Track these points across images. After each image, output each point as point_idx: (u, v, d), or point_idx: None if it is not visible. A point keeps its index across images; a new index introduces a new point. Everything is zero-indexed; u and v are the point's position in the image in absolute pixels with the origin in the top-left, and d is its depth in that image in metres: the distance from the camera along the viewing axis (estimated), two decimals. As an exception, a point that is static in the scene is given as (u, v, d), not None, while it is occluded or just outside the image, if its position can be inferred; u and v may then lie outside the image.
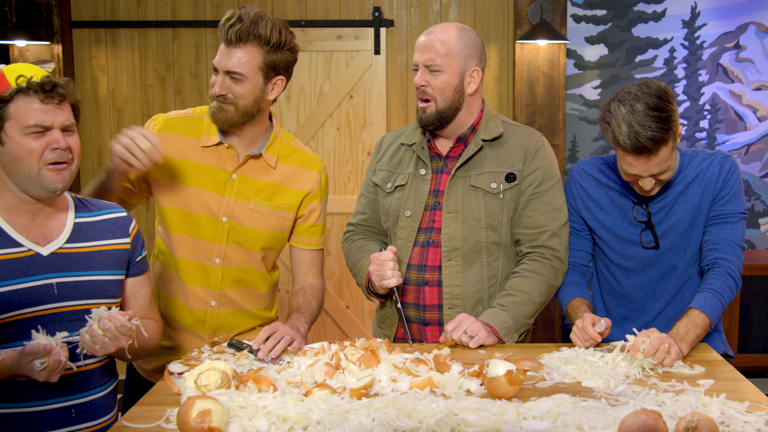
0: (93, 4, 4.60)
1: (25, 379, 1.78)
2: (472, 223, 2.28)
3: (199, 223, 2.22)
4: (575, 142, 4.62)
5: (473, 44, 2.27)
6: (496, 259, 2.31)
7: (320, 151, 4.63)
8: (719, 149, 4.57)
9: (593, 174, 2.35)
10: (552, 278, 2.29)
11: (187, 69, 4.62)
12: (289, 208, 2.30)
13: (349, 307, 4.70)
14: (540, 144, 2.33)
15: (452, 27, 2.27)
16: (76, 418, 1.86)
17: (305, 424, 1.58)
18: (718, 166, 2.21)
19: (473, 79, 2.27)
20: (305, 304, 2.29)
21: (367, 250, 2.43)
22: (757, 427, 1.59)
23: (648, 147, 2.03)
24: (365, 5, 4.57)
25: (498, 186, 2.28)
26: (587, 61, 4.58)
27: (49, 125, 1.76)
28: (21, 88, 1.75)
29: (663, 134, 2.03)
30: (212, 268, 2.24)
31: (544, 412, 1.61)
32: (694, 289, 2.26)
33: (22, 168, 1.76)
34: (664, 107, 2.04)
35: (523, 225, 2.30)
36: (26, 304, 1.78)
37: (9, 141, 1.75)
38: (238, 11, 2.13)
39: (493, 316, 2.21)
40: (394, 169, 2.41)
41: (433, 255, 2.30)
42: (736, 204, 2.21)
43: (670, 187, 2.24)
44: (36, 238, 1.83)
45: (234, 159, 2.23)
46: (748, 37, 4.54)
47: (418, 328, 2.36)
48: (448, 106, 2.26)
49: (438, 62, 2.23)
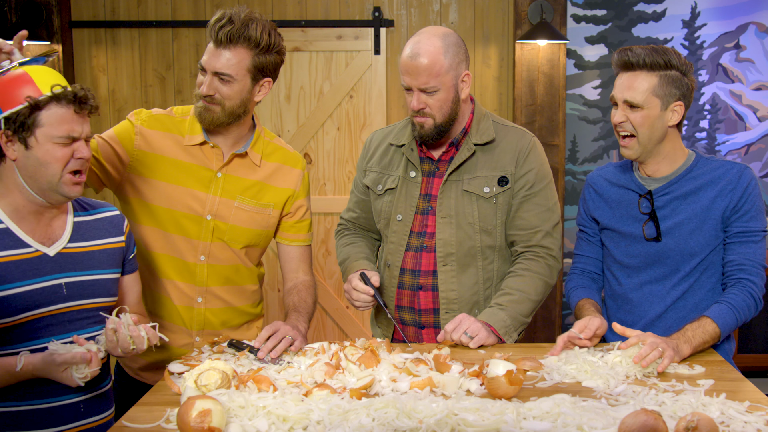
0: (93, 4, 4.60)
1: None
2: (467, 228, 2.28)
3: (184, 221, 2.22)
4: (575, 142, 4.62)
5: (458, 50, 2.22)
6: (491, 262, 2.32)
7: (320, 151, 4.63)
8: (719, 149, 4.60)
9: (605, 176, 2.38)
10: (548, 276, 2.30)
11: (187, 69, 4.62)
12: (275, 206, 2.30)
13: (349, 307, 4.70)
14: (531, 145, 2.32)
15: (435, 40, 2.17)
16: (85, 413, 1.90)
17: (305, 424, 1.58)
18: (737, 175, 2.19)
19: (465, 84, 2.25)
20: (301, 303, 2.29)
21: (355, 247, 2.45)
22: (757, 427, 1.59)
23: (632, 62, 2.15)
24: (365, 5, 4.57)
25: (491, 190, 2.28)
26: (587, 61, 4.58)
27: (77, 136, 1.80)
28: (56, 96, 1.76)
29: (651, 62, 2.13)
30: (197, 265, 2.24)
31: (544, 412, 1.61)
32: (699, 297, 2.23)
33: (46, 174, 1.78)
34: (666, 51, 2.15)
35: (517, 226, 2.30)
36: (38, 304, 1.81)
37: (38, 147, 1.77)
38: (228, 12, 2.12)
39: (492, 315, 2.21)
40: (384, 170, 2.40)
41: (426, 260, 2.30)
42: (760, 221, 2.20)
43: (678, 181, 2.23)
44: (41, 238, 1.86)
45: (219, 158, 2.23)
46: (748, 37, 4.54)
47: (414, 332, 2.36)
48: (447, 119, 2.24)
49: (432, 84, 2.17)
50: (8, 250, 1.80)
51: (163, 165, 2.21)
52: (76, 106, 1.78)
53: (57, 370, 1.72)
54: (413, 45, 2.18)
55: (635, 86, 2.14)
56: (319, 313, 4.71)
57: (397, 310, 2.35)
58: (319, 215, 4.61)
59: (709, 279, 2.24)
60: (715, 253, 2.22)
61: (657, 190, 2.24)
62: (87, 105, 1.80)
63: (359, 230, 2.54)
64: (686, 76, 2.17)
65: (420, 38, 2.19)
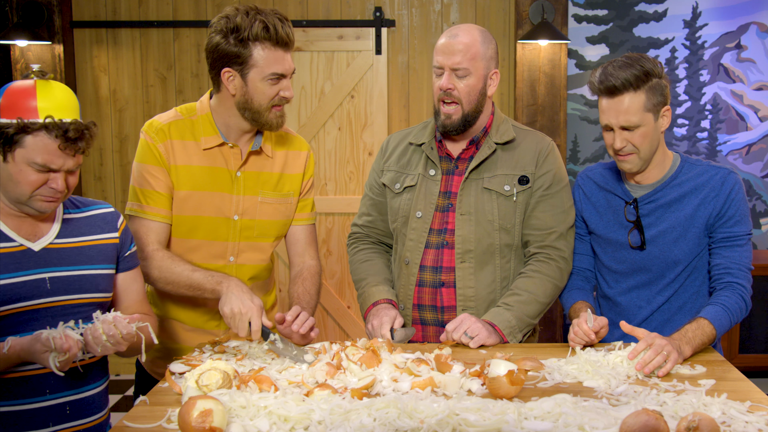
0: (94, 4, 4.60)
1: (20, 375, 1.80)
2: (486, 225, 2.29)
3: (212, 225, 2.22)
4: (576, 142, 4.62)
5: (493, 47, 2.28)
6: (508, 261, 2.33)
7: (321, 151, 4.63)
8: (720, 149, 4.60)
9: (594, 178, 2.39)
10: (558, 279, 2.31)
11: (188, 69, 4.62)
12: (293, 194, 2.34)
13: (351, 307, 4.70)
14: (551, 148, 2.35)
15: (475, 29, 2.26)
16: (70, 415, 1.88)
17: (306, 424, 1.58)
18: (720, 182, 2.20)
19: (493, 81, 2.29)
20: (305, 295, 2.30)
21: (372, 267, 2.44)
22: (759, 427, 1.59)
23: (616, 86, 2.11)
24: (366, 5, 4.57)
25: (511, 189, 2.29)
26: (588, 61, 4.58)
27: (56, 168, 1.77)
28: (46, 126, 1.74)
29: (635, 80, 2.10)
30: (226, 266, 2.26)
31: (546, 412, 1.61)
32: (683, 300, 2.26)
33: (16, 191, 1.78)
34: (640, 61, 2.12)
35: (532, 226, 2.31)
36: (20, 298, 1.79)
37: (13, 164, 1.76)
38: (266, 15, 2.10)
39: (497, 315, 2.22)
40: (403, 169, 2.41)
41: (448, 256, 2.30)
42: (744, 225, 2.21)
43: (662, 189, 2.24)
44: (27, 234, 1.85)
45: (237, 157, 2.24)
46: (749, 37, 4.53)
47: (435, 331, 2.35)
48: (473, 109, 2.27)
49: (465, 65, 2.21)
50: None
51: (188, 174, 2.20)
52: (63, 143, 1.75)
53: (38, 350, 1.69)
54: (453, 29, 2.27)
55: (627, 109, 2.12)
56: (320, 313, 4.71)
57: (417, 309, 2.35)
58: (320, 215, 4.61)
59: (693, 283, 2.27)
60: (698, 258, 2.24)
61: (642, 198, 2.26)
62: (75, 144, 1.77)
63: (374, 239, 2.52)
64: (662, 78, 2.16)
65: (460, 26, 2.28)
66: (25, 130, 1.73)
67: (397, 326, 2.23)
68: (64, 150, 1.76)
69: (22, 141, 1.74)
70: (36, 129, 1.73)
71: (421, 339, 2.35)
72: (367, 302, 2.36)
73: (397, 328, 2.22)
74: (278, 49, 2.10)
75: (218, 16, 2.12)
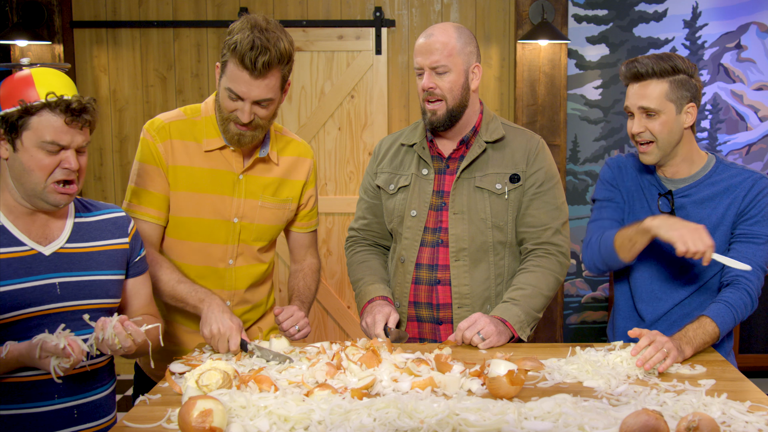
0: (94, 4, 4.60)
1: (28, 380, 1.79)
2: (479, 224, 2.31)
3: (211, 227, 2.23)
4: (576, 142, 4.62)
5: (471, 41, 2.31)
6: (502, 258, 2.35)
7: (321, 151, 4.63)
8: (720, 149, 4.60)
9: (632, 163, 2.40)
10: (559, 273, 2.33)
11: (188, 69, 4.62)
12: (293, 200, 2.35)
13: (350, 307, 4.70)
14: (541, 146, 2.38)
15: (449, 26, 2.29)
16: (78, 419, 1.87)
17: (306, 424, 1.58)
18: (750, 184, 2.22)
19: (475, 75, 2.31)
20: (305, 290, 2.37)
21: (369, 267, 2.46)
22: (759, 427, 1.59)
23: (641, 72, 2.19)
24: (366, 5, 4.57)
25: (503, 187, 2.32)
26: (588, 61, 4.58)
27: (65, 145, 1.77)
28: (49, 104, 1.74)
29: (660, 70, 2.17)
30: (226, 270, 2.26)
31: (546, 412, 1.61)
32: (705, 297, 2.26)
33: (30, 180, 1.77)
34: (672, 57, 2.19)
35: (527, 224, 2.33)
36: (29, 303, 1.79)
37: (23, 151, 1.76)
38: (256, 38, 2.01)
39: (506, 310, 2.23)
40: (396, 170, 2.43)
41: (443, 254, 2.33)
42: (766, 226, 2.21)
43: (697, 185, 2.25)
44: (37, 237, 1.84)
45: (239, 160, 2.24)
46: (749, 37, 4.53)
47: (431, 328, 2.37)
48: (458, 104, 2.29)
49: (444, 62, 2.24)
50: (2, 248, 1.78)
51: (187, 175, 2.20)
52: (68, 117, 1.75)
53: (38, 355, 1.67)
54: (429, 29, 2.31)
55: (648, 93, 2.18)
56: (320, 312, 4.71)
57: (414, 306, 2.36)
58: (320, 215, 4.60)
59: (716, 281, 2.27)
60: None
61: (677, 191, 2.27)
62: (80, 117, 1.77)
63: (371, 241, 2.54)
64: (693, 78, 2.20)
65: (436, 25, 2.31)
66: (28, 112, 1.74)
67: (392, 323, 2.24)
68: (70, 124, 1.76)
69: (27, 123, 1.74)
70: (39, 108, 1.74)
71: (417, 336, 2.36)
72: (363, 300, 2.38)
73: (392, 326, 2.23)
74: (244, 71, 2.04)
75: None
